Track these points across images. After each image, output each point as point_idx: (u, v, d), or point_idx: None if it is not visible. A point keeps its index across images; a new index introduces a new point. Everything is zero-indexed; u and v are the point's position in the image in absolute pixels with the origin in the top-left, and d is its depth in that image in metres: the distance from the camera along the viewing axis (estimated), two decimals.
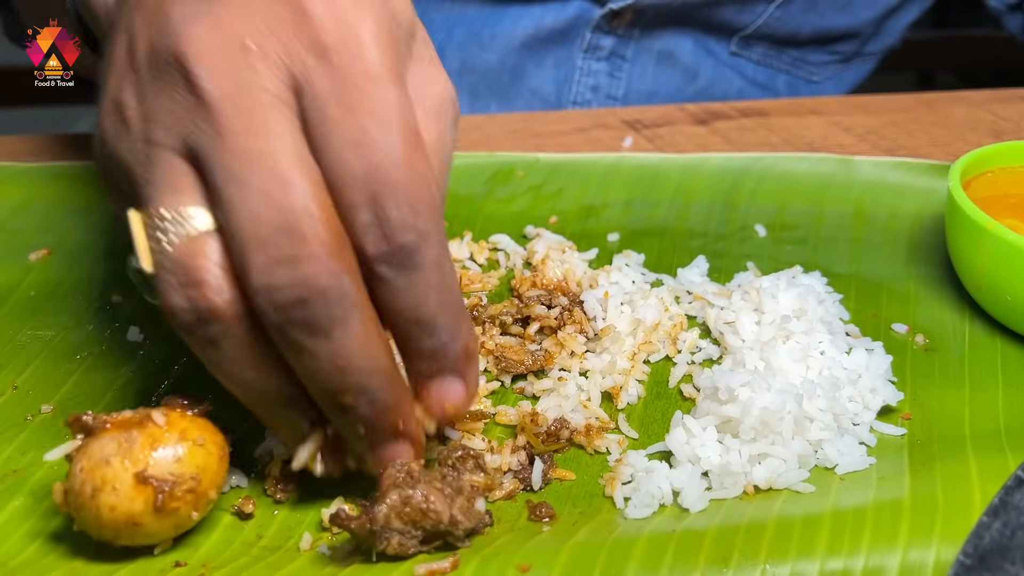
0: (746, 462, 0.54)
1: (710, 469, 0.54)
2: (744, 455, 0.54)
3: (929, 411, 0.60)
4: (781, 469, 0.54)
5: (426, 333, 0.47)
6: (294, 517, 0.53)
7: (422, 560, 0.49)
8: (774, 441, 0.54)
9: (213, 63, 0.44)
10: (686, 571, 0.48)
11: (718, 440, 0.55)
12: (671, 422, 0.57)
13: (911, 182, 0.81)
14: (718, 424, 0.56)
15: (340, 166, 0.44)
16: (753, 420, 0.54)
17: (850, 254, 0.75)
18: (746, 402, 0.55)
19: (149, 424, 0.49)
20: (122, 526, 0.48)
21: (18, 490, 0.54)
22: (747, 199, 0.80)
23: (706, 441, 0.55)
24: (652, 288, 0.68)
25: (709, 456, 0.54)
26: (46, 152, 0.87)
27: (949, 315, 0.69)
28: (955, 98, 0.98)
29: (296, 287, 0.44)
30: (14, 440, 0.58)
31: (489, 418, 0.59)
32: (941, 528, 0.50)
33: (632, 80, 1.08)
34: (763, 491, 0.54)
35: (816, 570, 0.48)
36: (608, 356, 0.62)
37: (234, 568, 0.49)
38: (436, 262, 0.46)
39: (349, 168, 0.44)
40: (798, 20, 1.06)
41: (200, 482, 0.49)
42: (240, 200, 0.44)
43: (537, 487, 0.54)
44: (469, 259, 0.74)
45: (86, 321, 0.68)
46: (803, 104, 0.97)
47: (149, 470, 0.47)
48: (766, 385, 0.56)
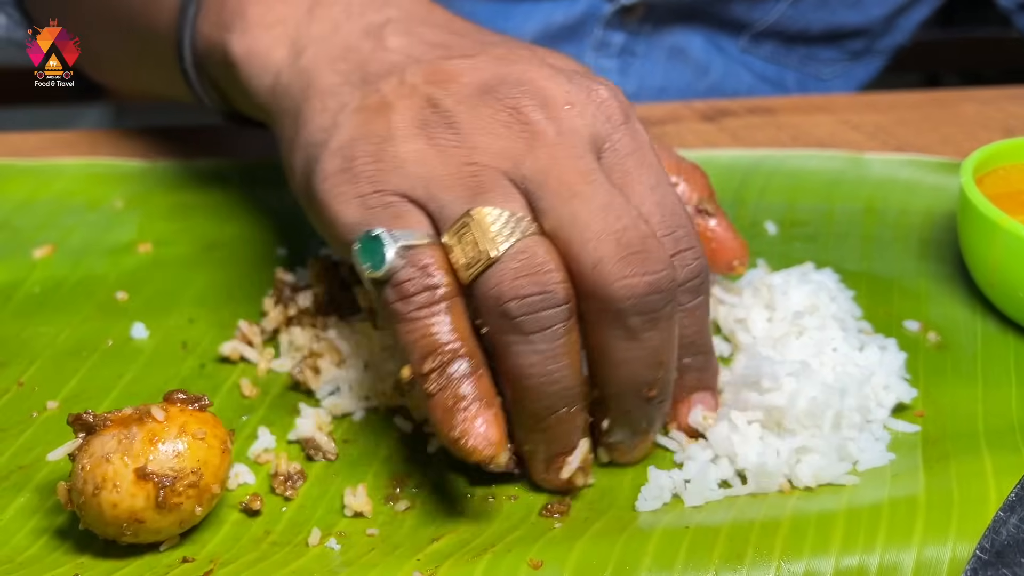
0: (783, 461, 0.53)
1: (747, 467, 0.53)
2: (783, 453, 0.53)
3: (942, 408, 0.60)
4: (823, 463, 0.53)
5: (701, 351, 0.54)
6: (302, 514, 0.53)
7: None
8: (814, 435, 0.54)
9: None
10: (700, 567, 0.47)
11: (759, 437, 0.54)
12: (718, 414, 0.56)
13: (922, 179, 0.81)
14: (762, 418, 0.55)
15: (641, 205, 0.50)
16: (799, 411, 0.53)
17: (861, 251, 0.74)
18: (793, 392, 0.54)
19: (148, 420, 0.48)
20: (125, 523, 0.47)
21: (24, 486, 0.54)
22: (756, 196, 0.80)
23: (747, 437, 0.54)
24: None
25: (747, 453, 0.53)
26: (48, 149, 0.87)
27: (961, 312, 0.68)
28: (965, 96, 0.97)
29: (652, 275, 0.48)
30: (19, 437, 0.57)
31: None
32: (957, 524, 0.49)
33: (643, 77, 1.07)
34: (802, 489, 0.53)
35: (831, 567, 0.48)
36: None
37: (242, 564, 0.49)
38: (709, 288, 0.53)
39: (648, 207, 0.50)
40: (809, 17, 1.05)
41: (202, 476, 0.48)
42: (575, 212, 0.49)
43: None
44: None
45: (91, 318, 0.67)
46: (812, 102, 0.97)
47: (149, 466, 0.47)
48: (809, 376, 0.55)
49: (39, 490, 0.54)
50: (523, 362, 0.48)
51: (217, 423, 0.50)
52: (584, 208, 0.48)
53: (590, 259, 0.48)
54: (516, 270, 0.47)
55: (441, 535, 0.50)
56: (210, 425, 0.50)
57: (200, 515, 0.49)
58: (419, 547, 0.49)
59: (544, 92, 0.51)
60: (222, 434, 0.50)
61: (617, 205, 0.48)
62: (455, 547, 0.49)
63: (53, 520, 0.52)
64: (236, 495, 0.54)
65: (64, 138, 0.89)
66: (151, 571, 0.48)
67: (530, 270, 0.47)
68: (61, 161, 0.83)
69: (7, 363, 0.63)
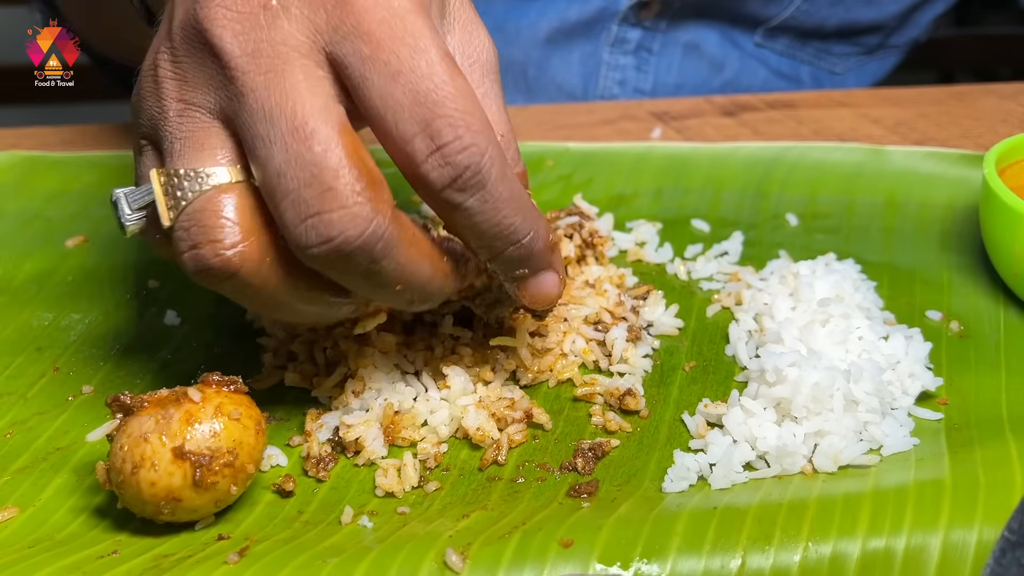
0: (801, 443, 0.54)
1: (767, 450, 0.54)
2: (800, 436, 0.54)
3: (966, 396, 0.60)
4: (841, 445, 0.54)
5: (511, 243, 0.49)
6: (335, 494, 0.54)
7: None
8: (827, 419, 0.54)
9: (235, 26, 0.46)
10: (728, 548, 0.48)
11: (775, 422, 0.55)
12: (728, 401, 0.57)
13: (943, 172, 0.81)
14: (775, 409, 0.56)
15: (384, 100, 0.45)
16: (804, 398, 0.54)
17: (882, 243, 0.75)
18: (795, 381, 0.55)
19: (185, 401, 0.49)
20: (163, 501, 0.48)
21: (62, 467, 0.55)
22: (778, 188, 0.80)
23: (764, 421, 0.55)
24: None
25: (766, 436, 0.54)
26: (77, 143, 0.88)
27: (983, 302, 0.68)
28: (985, 90, 0.97)
29: (329, 242, 0.45)
30: (57, 419, 0.59)
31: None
32: (983, 508, 0.50)
33: (659, 73, 1.08)
34: (825, 473, 0.54)
35: (858, 549, 0.48)
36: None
37: (276, 541, 0.50)
38: (500, 175, 0.47)
39: (394, 100, 0.45)
40: (824, 13, 1.06)
41: (237, 456, 0.49)
42: (264, 157, 0.45)
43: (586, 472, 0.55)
44: None
45: (123, 305, 0.68)
46: (832, 96, 0.97)
47: (187, 445, 0.48)
48: (812, 364, 0.56)
49: (77, 470, 0.55)
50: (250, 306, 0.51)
51: (252, 404, 0.51)
52: (264, 153, 0.45)
53: (279, 224, 0.46)
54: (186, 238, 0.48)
55: (470, 512, 0.51)
56: (245, 406, 0.51)
57: (235, 494, 0.50)
58: (450, 525, 0.50)
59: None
60: (256, 415, 0.51)
61: (299, 145, 0.45)
62: (485, 525, 0.50)
63: (92, 499, 0.53)
64: (269, 476, 0.55)
65: (92, 131, 0.90)
66: (188, 548, 0.49)
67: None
68: (91, 154, 0.85)
69: (43, 349, 0.64)
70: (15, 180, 0.82)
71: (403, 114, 0.45)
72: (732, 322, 0.65)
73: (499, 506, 0.52)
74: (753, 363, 0.60)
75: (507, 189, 0.47)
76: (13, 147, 0.87)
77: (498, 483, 0.54)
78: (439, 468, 0.55)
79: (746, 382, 0.60)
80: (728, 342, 0.64)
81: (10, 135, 0.90)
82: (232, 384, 0.51)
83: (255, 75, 0.45)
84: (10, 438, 0.57)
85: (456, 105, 0.45)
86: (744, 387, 0.60)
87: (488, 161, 0.46)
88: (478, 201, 0.47)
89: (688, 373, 0.62)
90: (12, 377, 0.62)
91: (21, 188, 0.81)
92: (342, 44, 0.45)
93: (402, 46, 0.45)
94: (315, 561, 0.47)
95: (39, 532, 0.51)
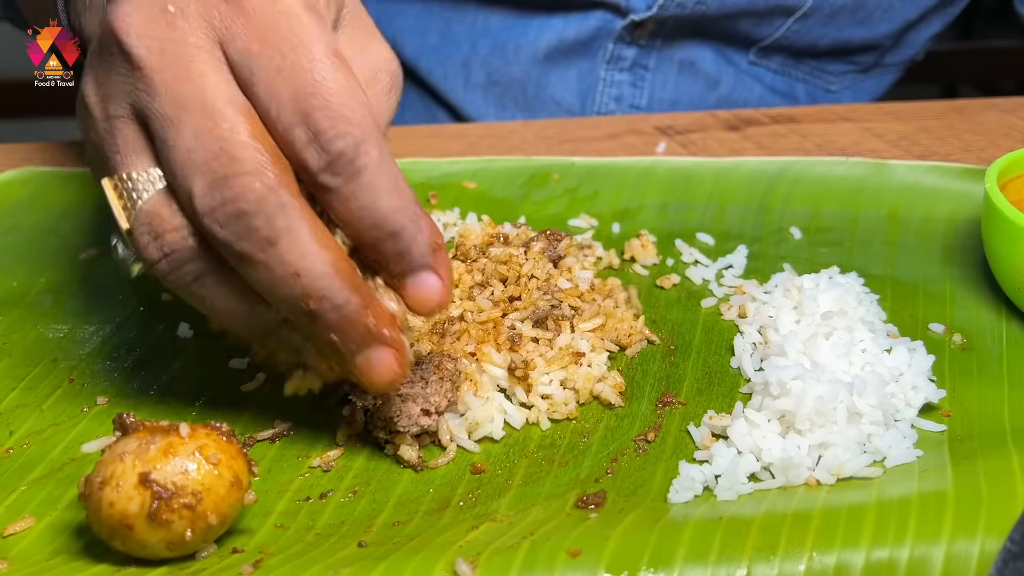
0: (806, 455, 0.55)
1: (772, 462, 0.55)
2: (804, 448, 0.55)
3: (969, 408, 0.61)
4: (844, 457, 0.54)
5: (388, 236, 0.50)
6: (344, 511, 0.54)
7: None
8: (831, 431, 0.55)
9: (140, 30, 0.49)
10: (733, 558, 0.48)
11: (780, 434, 0.56)
12: (733, 413, 0.58)
13: (945, 186, 0.82)
14: (780, 421, 0.57)
15: (269, 94, 0.49)
16: (808, 411, 0.55)
17: (885, 256, 0.75)
18: (799, 394, 0.56)
19: (173, 433, 0.49)
20: (116, 525, 0.47)
21: (78, 478, 0.55)
22: (782, 202, 0.81)
23: (768, 433, 0.55)
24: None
25: (771, 448, 0.55)
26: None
27: (986, 315, 0.69)
28: (987, 104, 0.98)
29: (233, 201, 0.47)
30: (72, 430, 0.60)
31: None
32: (986, 519, 0.50)
33: (655, 89, 1.09)
34: (829, 485, 0.54)
35: (862, 560, 0.49)
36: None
37: (290, 555, 0.50)
38: (379, 165, 0.49)
39: (277, 94, 0.48)
40: (816, 33, 1.07)
41: (201, 500, 0.47)
42: (175, 139, 0.48)
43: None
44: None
45: (137, 317, 0.69)
46: (835, 111, 0.98)
47: (153, 474, 0.47)
48: (816, 377, 0.57)
49: None
50: (211, 314, 0.53)
51: (238, 456, 0.49)
52: (173, 136, 0.48)
53: (187, 203, 0.49)
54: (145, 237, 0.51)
55: (479, 523, 0.52)
56: (228, 455, 0.49)
57: (190, 542, 0.48)
58: (460, 535, 0.50)
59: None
60: (238, 468, 0.49)
61: (208, 123, 0.48)
62: (494, 535, 0.50)
63: None
64: (279, 484, 0.55)
65: None
66: (203, 560, 0.50)
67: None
68: None
69: (58, 360, 0.65)
70: (30, 195, 0.83)
71: (285, 107, 0.48)
72: (737, 334, 0.66)
73: (508, 517, 0.53)
74: (757, 375, 0.60)
75: (387, 180, 0.49)
76: (27, 162, 0.88)
77: (507, 493, 0.55)
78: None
79: (751, 394, 0.61)
80: (733, 354, 0.65)
81: (22, 149, 0.92)
82: (222, 431, 0.50)
83: (164, 70, 0.49)
84: (26, 448, 0.58)
85: (336, 99, 0.48)
86: (749, 399, 0.61)
87: (365, 149, 0.48)
88: (355, 186, 0.49)
89: (694, 385, 0.63)
90: (28, 388, 0.63)
91: (36, 203, 0.82)
92: (234, 42, 0.49)
93: (285, 43, 0.49)
94: (327, 572, 0.48)
95: (56, 543, 0.52)
